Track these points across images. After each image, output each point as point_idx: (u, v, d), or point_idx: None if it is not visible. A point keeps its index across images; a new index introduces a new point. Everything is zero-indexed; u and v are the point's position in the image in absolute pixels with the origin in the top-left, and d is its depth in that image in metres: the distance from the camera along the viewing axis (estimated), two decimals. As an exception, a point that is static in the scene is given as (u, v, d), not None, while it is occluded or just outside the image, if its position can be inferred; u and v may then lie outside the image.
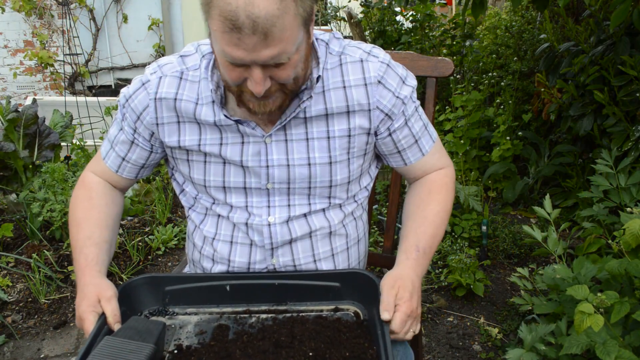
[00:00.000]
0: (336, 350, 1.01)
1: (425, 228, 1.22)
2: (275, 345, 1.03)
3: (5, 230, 2.63)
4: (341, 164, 1.19)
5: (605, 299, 1.41)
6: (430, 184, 1.29)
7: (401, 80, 1.19)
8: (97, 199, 1.28)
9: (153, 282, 1.20)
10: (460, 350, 2.23)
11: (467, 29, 4.13)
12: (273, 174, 1.18)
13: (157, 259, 3.01)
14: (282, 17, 0.91)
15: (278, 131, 1.16)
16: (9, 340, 2.36)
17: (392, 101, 1.17)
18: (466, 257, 2.56)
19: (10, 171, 3.21)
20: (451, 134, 3.50)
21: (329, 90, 1.15)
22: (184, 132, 1.18)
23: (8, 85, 6.22)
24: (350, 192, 1.26)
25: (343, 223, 1.27)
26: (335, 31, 1.22)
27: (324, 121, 1.16)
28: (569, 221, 2.38)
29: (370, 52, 1.18)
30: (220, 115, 1.13)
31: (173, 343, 1.09)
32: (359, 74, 1.16)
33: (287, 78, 1.01)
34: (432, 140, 1.29)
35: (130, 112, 1.20)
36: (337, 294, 1.17)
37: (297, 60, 1.00)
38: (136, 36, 6.06)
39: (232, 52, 0.94)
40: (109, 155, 1.28)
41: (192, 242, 1.33)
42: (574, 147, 3.24)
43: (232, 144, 1.16)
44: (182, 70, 1.16)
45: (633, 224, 1.59)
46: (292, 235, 1.22)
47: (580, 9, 3.62)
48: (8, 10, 5.80)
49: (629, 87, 2.68)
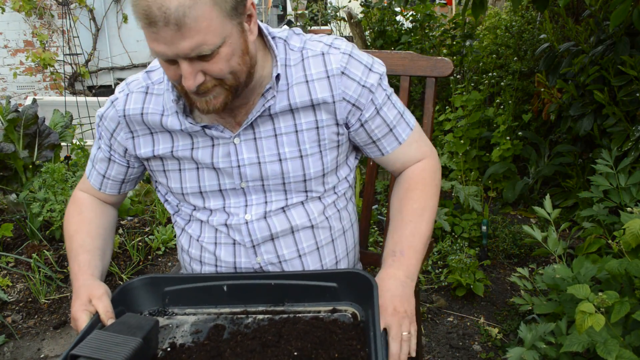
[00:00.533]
0: (324, 350, 1.01)
1: (402, 230, 1.21)
2: (262, 345, 1.03)
3: (5, 230, 2.63)
4: (313, 157, 1.19)
5: (606, 298, 1.41)
6: (407, 182, 1.27)
7: (366, 68, 1.18)
8: (87, 212, 1.33)
9: (152, 283, 1.21)
10: (460, 350, 2.23)
11: (467, 29, 4.13)
12: (245, 172, 1.19)
13: (157, 259, 3.01)
14: (194, 7, 0.91)
15: (246, 130, 1.17)
16: (9, 340, 2.36)
17: (358, 91, 1.16)
18: (466, 257, 2.56)
19: (10, 171, 3.21)
20: (451, 134, 3.50)
21: (292, 86, 1.15)
22: (157, 142, 1.21)
23: (8, 85, 6.22)
24: (327, 185, 1.25)
25: (325, 215, 1.26)
26: (295, 27, 1.22)
27: (290, 116, 1.17)
28: (569, 221, 2.38)
29: (331, 44, 1.18)
30: (186, 123, 1.15)
31: (167, 341, 1.10)
32: (320, 67, 1.15)
33: (221, 72, 1.01)
34: (410, 127, 1.27)
35: (105, 130, 1.25)
36: (335, 295, 1.17)
37: (229, 53, 0.99)
38: (136, 36, 6.07)
39: (155, 48, 0.96)
40: (92, 173, 1.34)
41: (181, 246, 1.35)
42: (574, 147, 3.24)
43: (203, 147, 1.19)
44: (147, 85, 1.20)
45: (633, 223, 1.59)
46: (272, 231, 1.22)
47: (580, 9, 3.62)
48: (8, 10, 5.80)
49: (629, 87, 2.68)
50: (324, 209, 1.26)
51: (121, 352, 0.94)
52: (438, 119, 3.77)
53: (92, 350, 0.94)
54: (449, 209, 3.01)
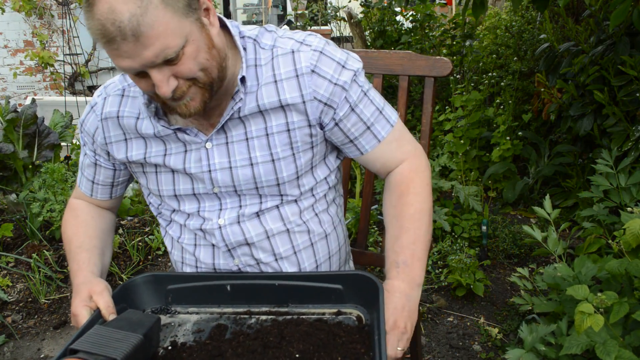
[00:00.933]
0: (326, 353, 1.00)
1: (402, 238, 1.17)
2: (264, 346, 1.03)
3: (5, 230, 2.63)
4: (285, 160, 1.16)
5: (605, 299, 1.41)
6: (399, 187, 1.22)
7: (339, 65, 1.12)
8: (83, 216, 1.33)
9: (155, 281, 1.20)
10: (460, 350, 2.23)
11: (467, 29, 4.13)
12: (216, 178, 1.17)
13: (157, 259, 3.01)
14: (145, 14, 0.89)
15: (218, 135, 1.15)
16: (9, 340, 2.36)
17: (330, 89, 1.11)
18: (466, 257, 2.56)
19: (10, 171, 3.21)
20: (451, 134, 3.50)
21: (261, 86, 1.12)
22: (130, 148, 1.20)
23: (8, 85, 6.22)
24: (302, 187, 1.21)
25: (302, 219, 1.23)
26: (268, 24, 1.19)
27: (261, 119, 1.13)
28: (569, 221, 2.38)
29: (303, 41, 1.13)
30: (159, 127, 1.14)
31: (169, 339, 1.09)
32: (289, 66, 1.11)
33: (191, 72, 0.99)
34: (390, 124, 1.20)
35: (86, 135, 1.25)
36: (340, 297, 1.15)
37: (194, 51, 0.97)
38: (136, 36, 6.07)
39: (120, 63, 0.95)
40: (82, 181, 1.34)
41: (166, 245, 1.36)
42: (574, 147, 3.24)
43: (175, 153, 1.17)
44: (123, 87, 1.20)
45: (633, 223, 1.59)
46: (246, 235, 1.20)
47: (580, 9, 3.62)
48: (8, 10, 5.80)
49: (629, 87, 2.68)
50: (301, 212, 1.23)
51: (121, 348, 0.93)
52: (438, 119, 3.77)
53: (92, 345, 0.93)
54: (449, 209, 3.01)
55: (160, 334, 1.10)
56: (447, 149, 3.51)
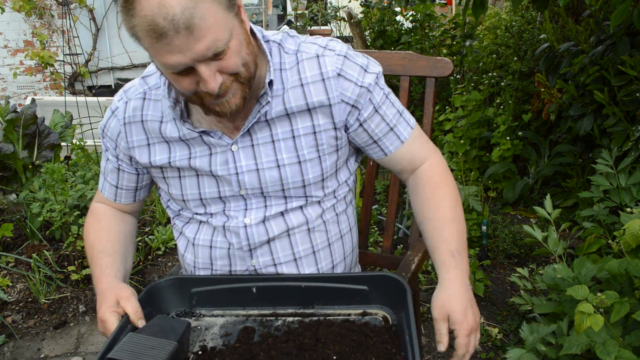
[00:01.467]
0: (362, 354, 1.00)
1: (450, 230, 1.17)
2: (299, 348, 1.02)
3: (5, 230, 2.63)
4: (312, 162, 1.18)
5: (605, 299, 1.41)
6: (430, 181, 1.24)
7: (362, 69, 1.16)
8: (105, 221, 1.32)
9: (179, 284, 1.20)
10: (460, 350, 2.22)
11: (467, 29, 4.13)
12: (244, 180, 1.18)
13: (157, 259, 3.01)
14: (196, 6, 0.90)
15: (243, 137, 1.16)
16: (9, 340, 2.36)
17: (357, 91, 1.15)
18: (466, 257, 2.56)
19: (10, 171, 3.21)
20: (451, 134, 3.50)
21: (287, 90, 1.14)
22: (154, 152, 1.20)
23: (8, 85, 6.22)
24: (327, 189, 1.24)
25: (323, 219, 1.25)
26: (289, 29, 1.21)
27: (287, 121, 1.15)
28: (569, 221, 2.38)
29: (326, 46, 1.16)
30: (185, 130, 1.14)
31: (198, 344, 1.09)
32: (315, 70, 1.14)
33: (236, 66, 1.00)
34: (410, 126, 1.25)
35: (109, 141, 1.25)
36: (365, 298, 1.15)
37: (238, 45, 0.99)
38: (136, 36, 6.06)
39: (170, 60, 0.94)
40: (104, 186, 1.33)
41: (178, 247, 1.35)
42: (574, 147, 3.24)
43: (200, 156, 1.18)
44: (144, 90, 1.19)
45: (633, 224, 1.59)
46: (270, 235, 1.21)
47: (580, 9, 3.62)
48: (8, 10, 5.80)
49: (629, 87, 2.68)
50: (322, 212, 1.25)
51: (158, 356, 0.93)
52: (438, 119, 3.77)
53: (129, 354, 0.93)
54: (449, 209, 3.01)
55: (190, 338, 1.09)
56: (447, 149, 3.51)
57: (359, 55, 1.19)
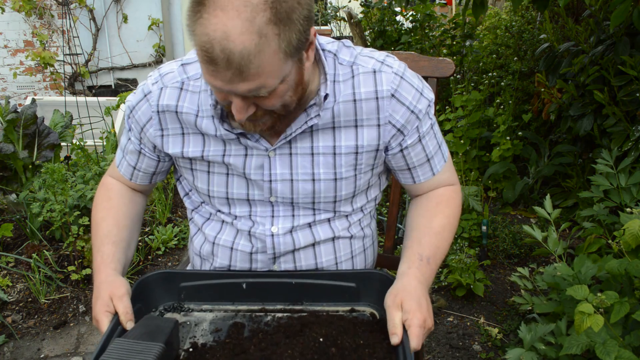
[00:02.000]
0: (349, 337, 1.01)
1: (430, 238, 1.16)
2: (287, 336, 1.04)
3: (5, 230, 2.63)
4: (347, 180, 1.16)
5: (605, 299, 1.41)
6: (438, 197, 1.24)
7: (417, 92, 1.13)
8: (116, 199, 1.29)
9: (168, 278, 1.20)
10: (460, 350, 2.23)
11: (467, 29, 4.13)
12: (276, 188, 1.16)
13: (157, 259, 3.01)
14: (259, 54, 0.86)
15: (283, 145, 1.13)
16: (9, 340, 2.36)
17: (406, 116, 1.12)
18: (466, 257, 2.56)
19: (10, 171, 3.21)
20: (451, 134, 3.50)
21: (339, 103, 1.10)
22: (187, 143, 1.16)
23: (8, 85, 6.22)
24: (355, 205, 1.23)
25: (349, 232, 1.25)
26: (345, 40, 1.16)
27: (331, 135, 1.12)
28: (569, 221, 2.38)
29: (383, 61, 1.13)
30: (222, 130, 1.11)
31: (188, 341, 1.09)
32: (370, 87, 1.10)
33: (273, 107, 0.97)
34: (444, 159, 1.24)
35: (135, 123, 1.20)
36: (354, 295, 1.16)
37: (284, 89, 0.96)
38: (136, 36, 6.06)
39: (211, 81, 0.92)
40: (122, 163, 1.29)
41: (193, 246, 1.33)
42: (574, 147, 3.24)
43: (235, 155, 1.15)
44: (182, 80, 1.14)
45: (633, 224, 1.59)
46: (296, 246, 1.20)
47: (580, 9, 3.62)
48: (8, 10, 5.79)
49: (629, 87, 2.68)
50: (349, 226, 1.25)
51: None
52: (438, 119, 3.77)
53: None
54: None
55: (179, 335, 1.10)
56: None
57: (415, 76, 1.15)
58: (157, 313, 1.18)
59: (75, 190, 2.92)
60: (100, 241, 1.22)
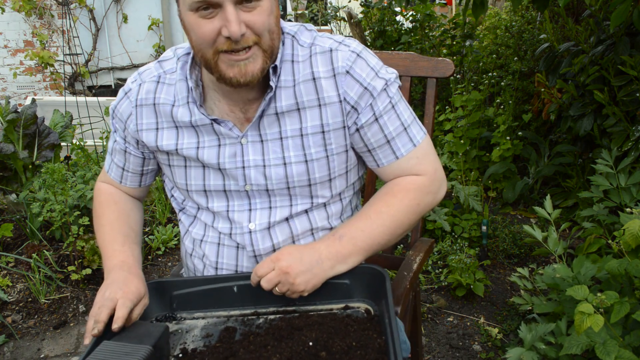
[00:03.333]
0: (340, 339, 1.00)
1: (356, 220, 1.16)
2: (276, 339, 1.03)
3: (5, 230, 2.63)
4: (319, 162, 1.16)
5: (605, 299, 1.41)
6: (389, 187, 1.21)
7: (372, 70, 1.13)
8: (122, 204, 1.33)
9: (159, 288, 1.19)
10: (460, 350, 2.23)
11: (467, 29, 4.13)
12: (250, 175, 1.17)
13: (157, 259, 3.01)
14: None
15: (253, 131, 1.15)
16: (9, 340, 2.36)
17: (359, 92, 1.12)
18: (466, 257, 2.56)
19: (10, 171, 3.21)
20: (451, 134, 3.50)
21: (299, 83, 1.12)
22: (161, 137, 1.20)
23: (8, 85, 6.22)
24: (334, 190, 1.21)
25: (330, 224, 1.24)
26: (307, 23, 1.20)
27: (297, 117, 1.13)
28: (569, 221, 2.38)
29: (342, 41, 1.15)
30: (197, 115, 1.14)
31: (178, 347, 1.08)
32: (328, 65, 1.12)
33: (262, 25, 1.01)
34: (413, 143, 1.18)
35: (118, 122, 1.25)
36: (347, 292, 1.15)
37: (268, 8, 1.01)
38: (136, 36, 6.06)
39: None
40: (111, 167, 1.33)
41: (185, 247, 1.34)
42: (574, 147, 3.24)
43: (209, 147, 1.17)
44: (159, 74, 1.19)
45: (633, 224, 1.59)
46: (274, 241, 1.21)
47: (580, 9, 3.62)
48: (8, 10, 5.80)
49: (629, 87, 2.68)
50: (328, 218, 1.23)
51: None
52: (438, 119, 3.77)
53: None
54: (449, 209, 3.01)
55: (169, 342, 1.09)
56: (447, 149, 3.51)
57: (374, 56, 1.16)
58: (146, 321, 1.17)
59: (75, 190, 2.92)
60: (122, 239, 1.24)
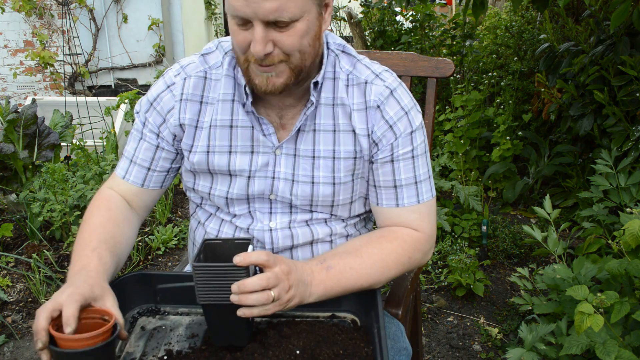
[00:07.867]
0: (328, 348, 1.00)
1: (348, 255, 1.09)
2: (263, 346, 1.02)
3: (5, 230, 2.63)
4: (345, 185, 1.17)
5: (605, 299, 1.41)
6: (387, 232, 1.17)
7: (402, 110, 1.13)
8: (116, 211, 1.19)
9: (144, 280, 1.17)
10: (460, 350, 2.23)
11: (467, 29, 4.13)
12: (277, 186, 1.17)
13: (157, 259, 3.01)
14: None
15: (289, 144, 1.14)
16: (9, 340, 2.36)
17: (384, 129, 1.13)
18: (466, 257, 2.57)
19: (10, 171, 3.21)
20: (451, 134, 3.50)
21: (338, 105, 1.13)
22: (198, 137, 1.16)
23: (8, 85, 6.22)
24: (353, 212, 1.23)
25: (346, 230, 1.25)
26: (347, 45, 1.18)
27: (332, 138, 1.14)
28: (569, 221, 2.38)
29: (379, 74, 1.15)
30: (240, 114, 1.13)
31: (163, 347, 1.07)
32: (361, 97, 1.13)
33: (292, 47, 0.99)
34: (418, 199, 1.16)
35: (156, 115, 1.17)
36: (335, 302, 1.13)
37: (303, 30, 0.98)
38: (136, 36, 6.06)
39: (235, 3, 0.95)
40: (130, 171, 1.21)
41: (193, 240, 1.33)
42: (574, 147, 3.24)
43: (242, 152, 1.15)
44: (205, 69, 1.15)
45: (632, 224, 1.59)
46: (294, 242, 1.20)
47: (580, 9, 3.62)
48: (8, 10, 5.79)
49: (629, 87, 2.68)
50: (346, 226, 1.24)
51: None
52: (438, 119, 3.77)
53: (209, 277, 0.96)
54: (449, 209, 3.01)
55: (153, 340, 1.08)
56: (447, 149, 3.51)
57: (409, 95, 1.16)
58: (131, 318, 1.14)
59: (75, 190, 2.92)
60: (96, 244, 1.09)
